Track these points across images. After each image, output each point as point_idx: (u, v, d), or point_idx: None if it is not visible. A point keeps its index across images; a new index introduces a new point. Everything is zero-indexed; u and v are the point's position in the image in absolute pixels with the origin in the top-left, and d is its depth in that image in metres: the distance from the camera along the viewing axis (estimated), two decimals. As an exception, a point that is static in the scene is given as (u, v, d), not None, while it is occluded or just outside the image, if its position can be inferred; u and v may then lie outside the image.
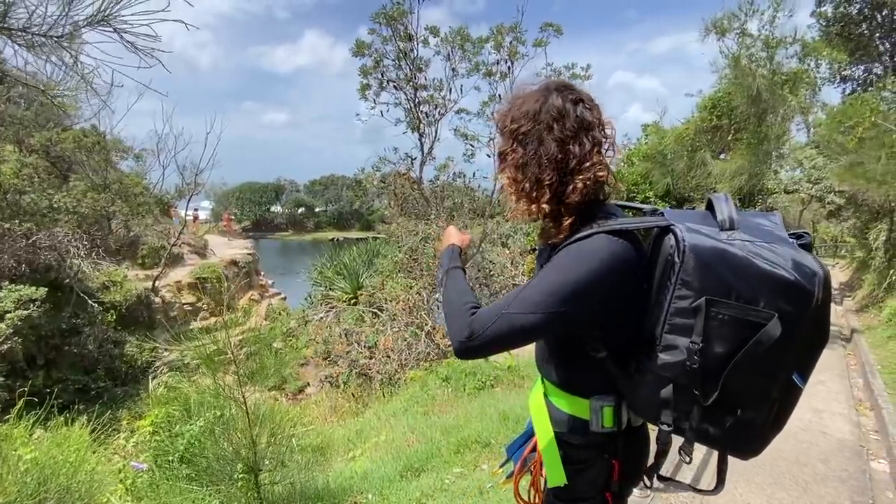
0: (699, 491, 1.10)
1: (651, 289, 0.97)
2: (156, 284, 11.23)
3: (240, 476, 2.27)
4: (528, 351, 1.50)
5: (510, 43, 9.61)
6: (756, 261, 0.86)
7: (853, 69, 14.27)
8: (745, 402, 0.92)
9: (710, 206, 1.00)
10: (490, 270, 10.28)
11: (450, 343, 1.00)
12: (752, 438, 0.96)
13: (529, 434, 1.37)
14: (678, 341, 0.91)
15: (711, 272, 0.88)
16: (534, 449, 1.28)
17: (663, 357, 0.92)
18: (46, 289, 7.78)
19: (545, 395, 1.15)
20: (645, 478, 1.10)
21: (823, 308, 0.89)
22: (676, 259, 0.90)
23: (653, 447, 1.07)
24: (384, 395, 6.74)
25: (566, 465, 1.07)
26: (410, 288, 8.95)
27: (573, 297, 0.91)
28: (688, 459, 0.99)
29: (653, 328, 0.94)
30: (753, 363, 0.87)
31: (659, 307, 0.93)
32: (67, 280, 9.06)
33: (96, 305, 9.16)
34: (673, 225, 0.94)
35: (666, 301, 0.91)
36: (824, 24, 13.74)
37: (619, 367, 1.01)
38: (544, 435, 1.11)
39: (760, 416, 0.94)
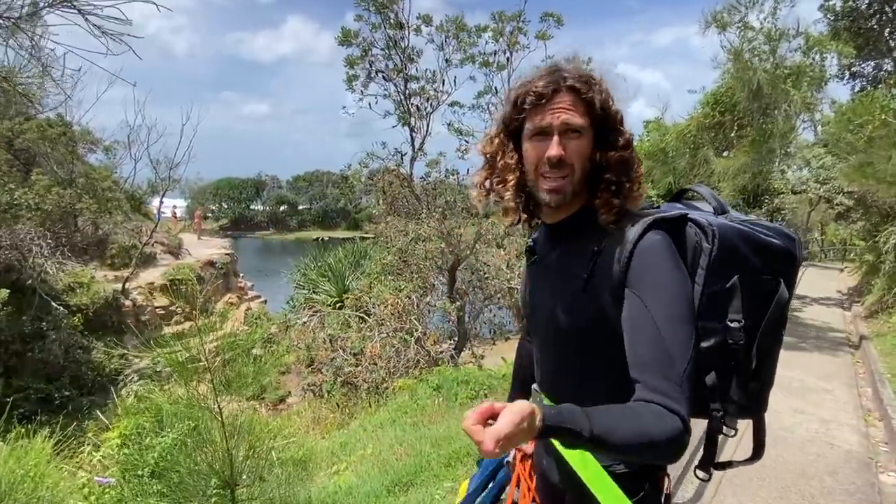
0: (747, 462, 1.12)
1: None
2: (126, 286, 11.08)
3: (215, 492, 2.24)
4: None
5: (511, 32, 9.63)
6: (759, 235, 0.97)
7: (862, 65, 14.54)
8: (764, 367, 1.00)
9: (675, 199, 1.14)
10: (484, 273, 10.28)
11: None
12: (764, 398, 1.04)
13: (490, 478, 1.37)
14: (713, 325, 0.95)
15: (736, 251, 0.95)
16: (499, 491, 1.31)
17: (702, 344, 0.94)
18: (8, 291, 7.65)
19: None
20: (699, 471, 1.09)
21: (800, 267, 1.05)
22: (706, 244, 0.94)
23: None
24: (371, 405, 6.71)
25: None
26: (400, 291, 8.93)
27: (690, 308, 0.92)
28: (733, 433, 1.03)
29: None
30: (773, 327, 0.97)
31: (694, 296, 0.96)
32: (30, 281, 8.91)
33: (61, 308, 9.02)
34: (689, 214, 0.99)
35: (700, 287, 0.95)
36: (832, 18, 13.99)
37: None
38: (594, 476, 0.99)
39: (768, 373, 1.03)
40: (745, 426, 1.09)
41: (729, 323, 0.93)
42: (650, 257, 0.93)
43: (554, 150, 0.96)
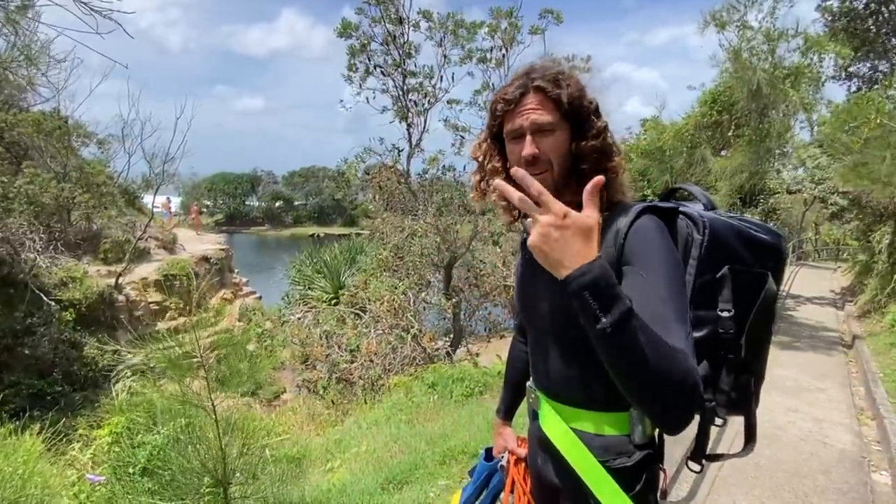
0: (738, 455, 1.14)
1: None
2: (119, 281, 10.99)
3: (207, 490, 2.22)
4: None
5: (505, 29, 9.61)
6: (748, 230, 1.02)
7: (858, 66, 14.59)
8: (755, 359, 1.03)
9: (665, 197, 1.14)
10: (480, 270, 10.28)
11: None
12: (756, 393, 1.07)
13: (482, 486, 1.37)
14: (705, 315, 0.97)
15: (726, 242, 0.99)
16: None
17: (694, 334, 0.94)
18: (-2, 285, 7.57)
19: (569, 425, 1.06)
20: (690, 462, 1.11)
21: (786, 263, 1.10)
22: (697, 235, 0.98)
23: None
24: (366, 403, 6.70)
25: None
26: (396, 288, 8.91)
27: (684, 286, 0.94)
28: (721, 422, 1.05)
29: None
30: (762, 319, 1.00)
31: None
32: (22, 276, 8.82)
33: (53, 303, 8.93)
34: (680, 206, 1.03)
35: (692, 277, 0.97)
36: (829, 18, 14.02)
37: None
38: (591, 471, 0.99)
39: (760, 368, 1.06)
40: (738, 421, 1.10)
41: (719, 312, 0.97)
42: (644, 237, 0.94)
43: (527, 149, 0.99)
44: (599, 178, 0.79)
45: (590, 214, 0.77)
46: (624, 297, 0.76)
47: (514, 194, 0.77)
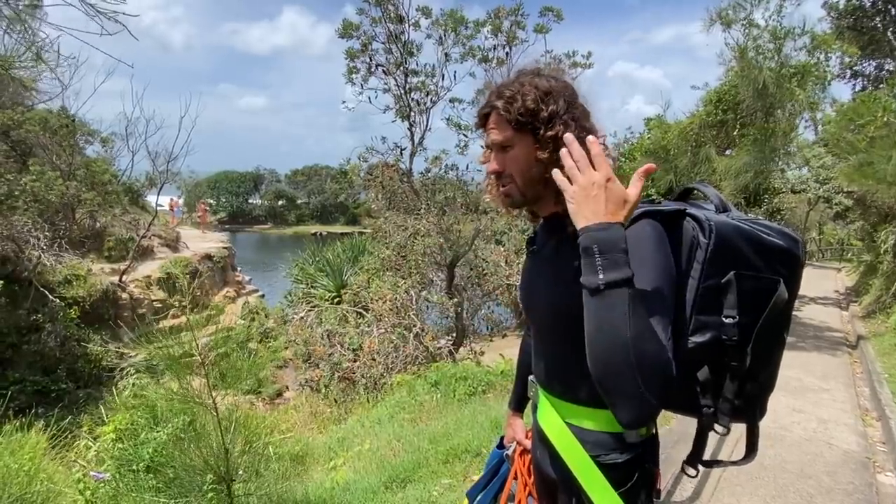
0: (737, 463, 1.13)
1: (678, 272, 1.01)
2: (123, 279, 11.04)
3: (210, 487, 2.22)
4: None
5: (509, 27, 9.59)
6: (760, 233, 0.98)
7: (864, 65, 14.51)
8: (762, 368, 1.01)
9: (680, 197, 1.14)
10: (483, 269, 10.27)
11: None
12: (761, 403, 1.05)
13: (493, 473, 1.39)
14: (708, 320, 0.95)
15: (733, 247, 0.96)
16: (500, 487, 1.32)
17: (696, 339, 0.95)
18: (2, 282, 7.61)
19: (565, 420, 1.09)
20: (688, 466, 1.11)
21: (803, 269, 1.05)
22: (703, 238, 0.96)
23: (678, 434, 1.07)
24: (368, 401, 6.70)
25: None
26: (398, 287, 8.91)
27: (671, 287, 0.95)
28: (724, 430, 1.03)
29: (679, 312, 0.98)
30: (771, 327, 0.97)
31: (688, 290, 0.98)
32: (26, 273, 8.87)
33: (57, 301, 8.98)
34: (687, 209, 1.01)
35: (696, 281, 0.96)
36: (835, 16, 13.94)
37: None
38: (581, 466, 1.03)
39: (768, 377, 1.04)
40: (740, 426, 1.08)
41: (723, 319, 0.95)
42: (637, 244, 0.94)
43: (490, 166, 1.09)
44: (650, 166, 0.87)
45: (631, 190, 0.86)
46: (629, 269, 0.82)
47: (576, 150, 0.87)
